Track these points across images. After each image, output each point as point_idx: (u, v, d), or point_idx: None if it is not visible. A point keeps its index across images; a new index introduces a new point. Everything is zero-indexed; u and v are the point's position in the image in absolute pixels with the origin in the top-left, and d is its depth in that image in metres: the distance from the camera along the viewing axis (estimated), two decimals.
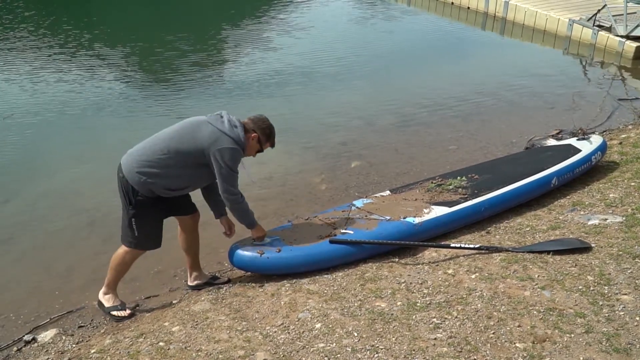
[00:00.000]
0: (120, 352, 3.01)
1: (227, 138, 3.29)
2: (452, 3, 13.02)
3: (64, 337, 3.49)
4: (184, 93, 7.90)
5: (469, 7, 12.59)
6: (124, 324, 3.58)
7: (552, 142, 5.51)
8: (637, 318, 2.77)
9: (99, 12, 12.76)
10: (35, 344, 3.47)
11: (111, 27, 11.30)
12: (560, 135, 6.05)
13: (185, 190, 3.52)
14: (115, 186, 5.30)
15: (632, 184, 4.44)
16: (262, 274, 3.77)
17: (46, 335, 3.54)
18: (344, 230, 3.84)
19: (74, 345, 3.35)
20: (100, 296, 3.67)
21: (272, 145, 3.61)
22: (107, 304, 3.63)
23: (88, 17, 12.28)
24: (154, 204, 3.42)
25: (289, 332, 3.00)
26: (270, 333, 3.01)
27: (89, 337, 3.47)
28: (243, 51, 9.83)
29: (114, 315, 3.61)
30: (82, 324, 3.69)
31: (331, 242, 3.71)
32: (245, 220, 3.61)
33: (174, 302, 3.71)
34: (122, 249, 3.56)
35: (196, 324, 3.19)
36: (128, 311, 3.64)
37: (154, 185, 3.34)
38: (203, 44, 10.27)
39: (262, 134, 3.47)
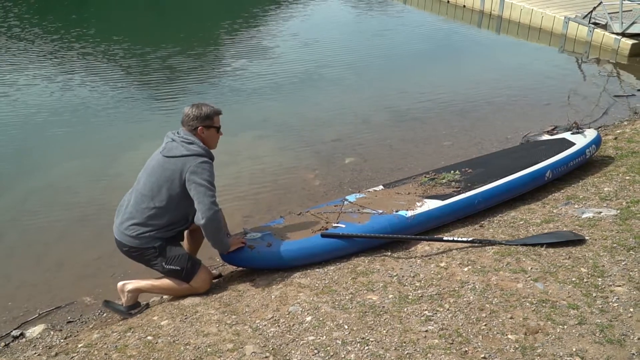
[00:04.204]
0: (107, 347, 2.97)
1: (191, 158, 3.24)
2: (448, 1, 13.01)
3: (52, 332, 3.46)
4: (179, 93, 7.86)
5: (464, 5, 12.58)
6: (112, 319, 3.55)
7: (547, 138, 5.48)
8: (631, 309, 2.73)
9: (95, 15, 12.70)
10: (23, 339, 3.43)
11: (107, 29, 11.24)
12: (555, 132, 6.02)
13: (189, 220, 3.46)
14: (107, 184, 5.35)
15: (627, 177, 4.41)
16: (254, 269, 3.73)
17: (34, 331, 3.51)
18: (335, 224, 3.80)
19: (62, 340, 3.31)
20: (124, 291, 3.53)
21: (218, 116, 3.43)
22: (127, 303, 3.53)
23: (84, 19, 12.20)
24: (170, 240, 3.42)
25: (279, 326, 2.96)
26: (260, 326, 2.97)
27: (78, 332, 3.43)
28: (239, 52, 9.78)
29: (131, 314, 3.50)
30: (71, 319, 3.66)
31: (323, 236, 3.66)
32: (219, 237, 3.39)
33: (164, 297, 3.65)
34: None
35: (185, 318, 3.15)
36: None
37: (160, 233, 3.33)
38: (199, 45, 10.22)
39: (202, 123, 3.34)
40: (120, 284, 3.49)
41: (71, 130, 6.62)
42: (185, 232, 3.66)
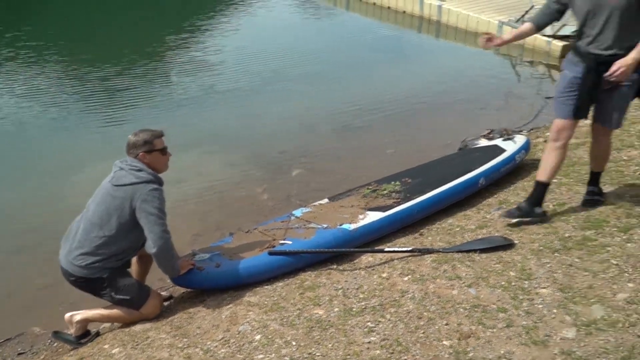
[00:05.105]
0: None
1: (141, 185, 3.33)
2: (389, 7, 13.31)
3: None
4: (123, 112, 7.78)
5: (404, 11, 12.90)
6: (63, 349, 3.59)
7: (483, 141, 5.73)
8: (554, 310, 2.96)
9: (32, 31, 12.42)
10: None
11: (47, 45, 11.04)
12: (491, 135, 6.28)
13: (139, 247, 3.53)
14: (51, 209, 5.33)
15: (555, 180, 4.65)
16: (204, 290, 3.83)
17: None
18: (282, 241, 3.93)
19: None
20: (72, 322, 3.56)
21: (160, 138, 3.52)
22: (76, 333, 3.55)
23: (17, 37, 11.93)
24: (119, 269, 3.47)
25: (229, 346, 3.07)
26: (211, 348, 3.07)
27: None
28: (184, 68, 9.66)
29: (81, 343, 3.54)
30: (22, 351, 3.67)
31: (270, 253, 3.79)
32: (170, 264, 3.48)
33: (114, 323, 3.70)
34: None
35: (136, 345, 3.22)
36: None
37: (109, 263, 3.38)
38: (144, 62, 10.10)
39: (142, 149, 3.43)
40: (67, 315, 3.53)
41: (10, 154, 6.52)
42: (134, 258, 3.72)
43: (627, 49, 3.41)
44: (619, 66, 3.38)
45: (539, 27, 3.86)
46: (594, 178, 4.11)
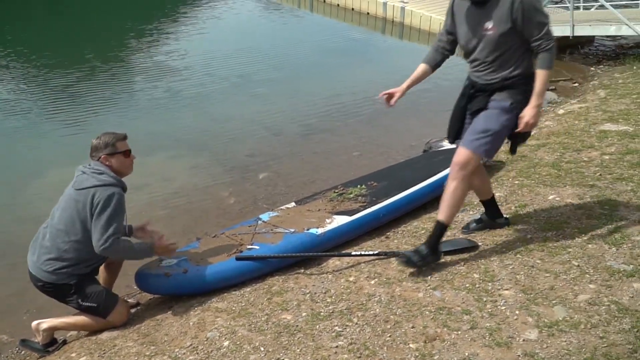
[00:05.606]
0: None
1: (101, 188, 3.31)
2: (353, 9, 13.41)
3: None
4: (86, 116, 7.71)
5: (368, 13, 13.02)
6: (31, 357, 3.56)
7: (447, 144, 5.83)
8: (517, 312, 3.04)
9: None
10: None
11: (8, 45, 10.78)
12: None
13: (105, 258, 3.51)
14: (16, 215, 5.23)
15: (516, 182, 4.81)
16: (171, 296, 3.81)
17: None
18: (250, 246, 3.93)
19: None
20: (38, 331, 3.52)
21: (123, 141, 3.53)
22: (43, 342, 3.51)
23: None
24: (87, 276, 3.44)
25: (197, 353, 3.06)
26: (179, 355, 3.06)
27: None
28: (147, 73, 9.61)
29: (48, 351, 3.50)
30: None
31: (237, 259, 3.79)
32: (139, 253, 3.52)
33: (81, 332, 3.66)
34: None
35: (103, 353, 3.19)
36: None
37: (77, 270, 3.36)
38: (107, 66, 10.03)
39: (103, 151, 3.44)
40: (34, 323, 3.48)
41: None
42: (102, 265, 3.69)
43: (502, 79, 3.37)
44: (527, 121, 3.24)
45: (433, 67, 3.80)
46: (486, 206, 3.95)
